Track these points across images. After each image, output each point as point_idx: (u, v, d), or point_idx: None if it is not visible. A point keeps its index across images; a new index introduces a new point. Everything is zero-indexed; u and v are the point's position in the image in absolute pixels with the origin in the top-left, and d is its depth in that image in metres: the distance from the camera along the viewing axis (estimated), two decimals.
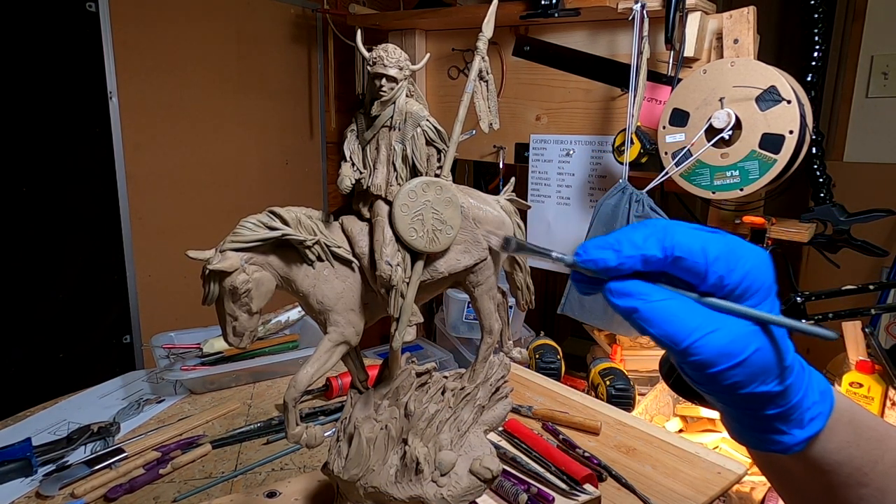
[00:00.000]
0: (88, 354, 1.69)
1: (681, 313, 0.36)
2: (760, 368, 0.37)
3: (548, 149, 1.60)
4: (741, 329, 0.36)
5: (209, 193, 1.92)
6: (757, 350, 0.36)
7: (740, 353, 0.36)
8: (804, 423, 0.40)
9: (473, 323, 1.78)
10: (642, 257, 0.37)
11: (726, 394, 0.38)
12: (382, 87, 0.60)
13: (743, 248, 0.37)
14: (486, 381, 0.73)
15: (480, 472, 0.66)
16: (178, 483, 0.91)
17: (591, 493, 0.84)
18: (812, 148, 1.26)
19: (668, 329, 0.36)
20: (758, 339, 0.37)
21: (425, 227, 0.61)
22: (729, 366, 0.36)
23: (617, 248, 0.38)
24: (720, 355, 0.36)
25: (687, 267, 0.37)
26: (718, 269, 0.36)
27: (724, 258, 0.36)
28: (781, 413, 0.39)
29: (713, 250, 0.36)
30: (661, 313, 0.36)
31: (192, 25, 1.80)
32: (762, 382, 0.37)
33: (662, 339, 0.37)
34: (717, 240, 0.37)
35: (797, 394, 0.39)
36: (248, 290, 0.58)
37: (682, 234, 0.37)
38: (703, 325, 0.36)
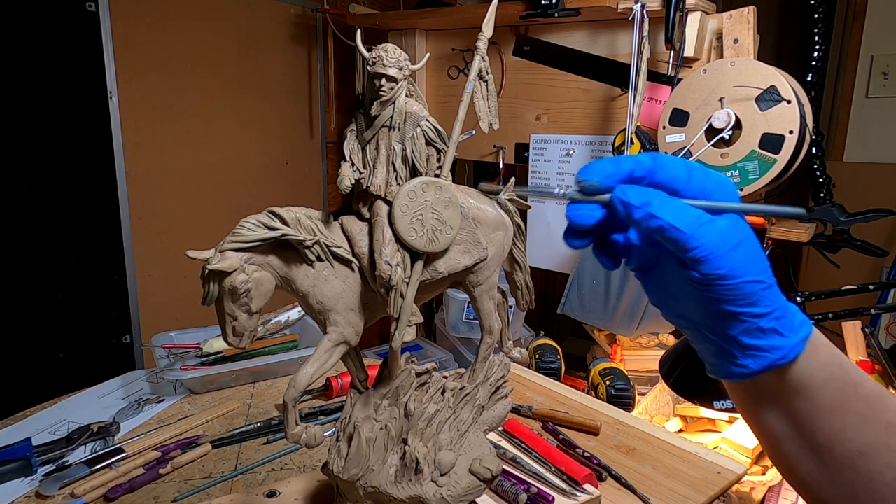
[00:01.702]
0: (88, 354, 1.69)
1: (684, 207, 0.41)
2: (754, 255, 0.41)
3: (548, 149, 1.60)
4: (731, 218, 0.41)
5: (209, 193, 1.92)
6: (748, 237, 0.41)
7: (736, 237, 0.40)
8: (796, 325, 0.42)
9: (473, 323, 1.78)
10: (635, 160, 0.42)
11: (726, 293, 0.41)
12: (382, 86, 0.60)
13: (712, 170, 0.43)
14: (486, 380, 0.73)
15: (480, 472, 0.66)
16: (178, 483, 0.91)
17: (591, 493, 0.84)
18: (812, 148, 1.26)
19: (680, 216, 0.40)
20: (744, 229, 0.41)
21: (425, 227, 0.61)
22: (729, 249, 0.40)
23: (615, 160, 0.43)
24: (721, 240, 0.40)
25: (670, 174, 0.42)
26: (697, 175, 0.42)
27: (701, 169, 0.42)
28: (777, 311, 0.41)
29: (691, 164, 0.43)
30: (671, 203, 0.40)
31: (192, 25, 1.80)
32: (754, 272, 0.40)
33: (674, 224, 0.40)
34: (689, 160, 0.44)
35: (781, 295, 0.42)
36: (248, 290, 0.58)
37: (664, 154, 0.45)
38: (702, 216, 0.40)
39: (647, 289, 0.49)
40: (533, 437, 0.98)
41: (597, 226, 0.44)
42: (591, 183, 0.43)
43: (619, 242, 0.45)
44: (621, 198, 0.41)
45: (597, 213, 0.43)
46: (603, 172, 0.43)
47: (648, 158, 0.42)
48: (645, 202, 0.40)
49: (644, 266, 0.47)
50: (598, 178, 0.43)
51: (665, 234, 0.40)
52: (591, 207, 0.43)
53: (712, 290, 0.41)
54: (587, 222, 0.44)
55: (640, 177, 0.42)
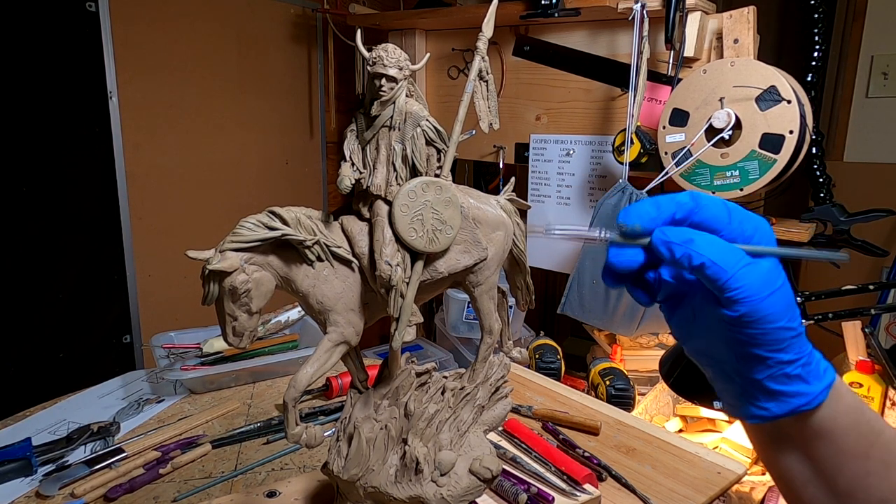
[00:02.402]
0: (88, 354, 1.69)
1: (726, 247, 0.41)
2: (789, 302, 0.41)
3: (548, 149, 1.60)
4: (770, 263, 0.41)
5: (209, 193, 1.92)
6: (784, 283, 0.41)
7: (774, 282, 0.40)
8: (821, 373, 0.42)
9: (473, 323, 1.78)
10: (676, 202, 0.42)
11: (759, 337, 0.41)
12: (382, 86, 0.60)
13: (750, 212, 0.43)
14: (486, 380, 0.73)
15: (480, 472, 0.66)
16: (178, 483, 0.91)
17: (591, 493, 0.84)
18: (812, 148, 1.26)
19: (723, 255, 0.40)
20: (782, 275, 0.41)
21: (425, 227, 0.61)
22: (766, 295, 0.40)
23: (656, 203, 0.43)
24: (760, 284, 0.40)
25: (711, 214, 0.42)
26: (737, 216, 0.42)
27: (740, 212, 0.42)
28: (804, 359, 0.42)
29: (731, 205, 0.43)
30: (713, 243, 0.41)
31: (192, 25, 1.80)
32: (788, 319, 0.40)
33: (716, 263, 0.40)
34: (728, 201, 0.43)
35: (808, 342, 0.42)
36: (248, 291, 0.57)
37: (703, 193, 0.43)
38: (743, 258, 0.40)
39: (670, 321, 0.48)
40: (533, 436, 0.98)
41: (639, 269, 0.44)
42: (632, 227, 0.43)
43: (652, 279, 0.45)
44: (663, 239, 0.42)
45: (639, 257, 0.44)
46: (645, 216, 0.43)
47: (689, 199, 0.42)
48: (687, 240, 0.41)
49: (671, 300, 0.47)
50: (640, 222, 0.43)
51: (706, 272, 0.40)
52: (634, 252, 0.44)
53: (744, 333, 0.41)
54: (630, 267, 0.44)
55: (682, 218, 0.42)
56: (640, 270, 0.44)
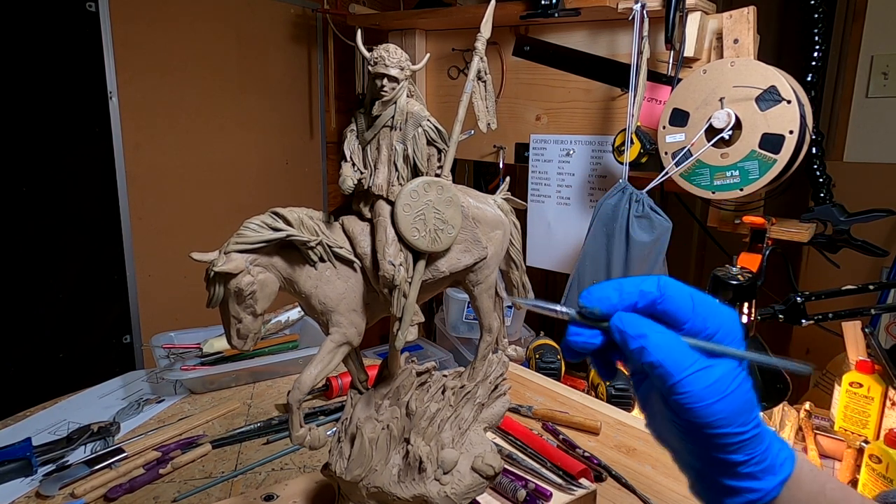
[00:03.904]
0: (88, 354, 1.69)
1: (680, 347, 0.40)
2: (741, 405, 0.40)
3: (548, 149, 1.60)
4: (727, 366, 0.40)
5: (209, 193, 1.92)
6: (739, 387, 0.40)
7: (726, 389, 0.39)
8: (776, 468, 0.42)
9: (473, 323, 1.78)
10: (640, 291, 0.42)
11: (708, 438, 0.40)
12: (384, 87, 0.60)
13: (718, 305, 0.42)
14: (486, 378, 0.74)
15: (483, 469, 0.66)
16: (178, 483, 0.91)
17: (586, 488, 0.86)
18: (812, 148, 1.26)
19: (674, 357, 0.39)
20: (739, 377, 0.40)
21: (427, 227, 0.61)
22: (715, 400, 0.39)
23: (618, 288, 0.42)
24: (710, 390, 0.39)
25: (675, 307, 0.41)
26: (701, 312, 0.41)
27: (707, 305, 0.41)
28: (755, 457, 0.41)
29: (698, 297, 0.42)
30: (666, 343, 0.40)
31: (192, 25, 1.80)
32: (741, 423, 0.40)
33: (664, 365, 0.39)
34: (700, 292, 0.42)
35: (766, 438, 0.41)
36: (253, 292, 0.57)
37: (672, 281, 0.42)
38: (697, 361, 0.40)
39: (636, 392, 0.48)
40: (527, 433, 0.99)
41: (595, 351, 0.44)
42: (592, 310, 0.43)
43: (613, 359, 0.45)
44: (619, 327, 0.41)
45: (596, 339, 0.43)
46: (605, 301, 0.42)
47: (655, 288, 0.42)
48: (641, 334, 0.40)
49: (636, 375, 0.47)
50: (600, 307, 0.42)
51: (654, 372, 0.40)
52: (591, 334, 0.43)
53: (693, 435, 0.41)
54: (588, 348, 0.43)
55: (644, 307, 0.42)
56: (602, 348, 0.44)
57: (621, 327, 0.41)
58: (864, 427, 1.08)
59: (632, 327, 0.41)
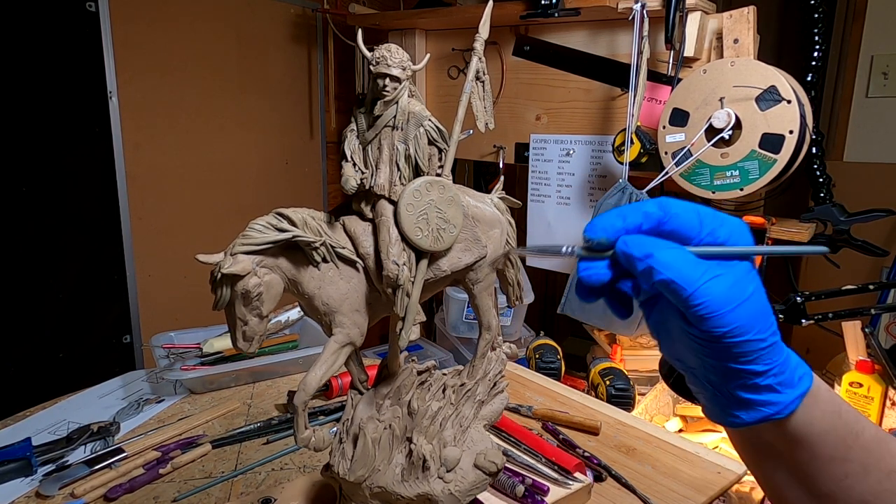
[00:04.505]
0: (88, 354, 1.69)
1: (689, 259, 0.39)
2: (758, 311, 0.39)
3: (548, 149, 1.60)
4: (741, 271, 0.40)
5: (209, 193, 1.92)
6: (755, 291, 0.39)
7: (741, 295, 0.39)
8: (795, 381, 0.41)
9: (473, 323, 1.78)
10: (644, 213, 0.41)
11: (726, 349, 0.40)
12: (386, 86, 0.60)
13: (722, 214, 0.41)
14: (485, 376, 0.74)
15: (485, 466, 0.66)
16: (178, 483, 0.91)
17: (582, 481, 0.86)
18: (812, 148, 1.26)
19: (682, 271, 0.39)
20: (754, 281, 0.40)
21: (430, 227, 0.61)
22: (733, 307, 0.38)
23: (622, 213, 0.42)
24: (726, 297, 0.38)
25: (681, 223, 0.41)
26: (709, 224, 0.41)
27: (713, 216, 0.41)
28: (774, 369, 0.40)
29: (703, 210, 0.41)
30: (675, 257, 0.39)
31: (192, 25, 1.80)
32: (759, 330, 0.39)
33: (675, 280, 0.39)
34: (703, 206, 0.42)
35: (784, 350, 0.41)
36: (260, 294, 0.57)
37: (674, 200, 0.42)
38: (708, 270, 0.39)
39: (647, 321, 0.47)
40: (521, 430, 0.99)
41: (610, 282, 0.43)
42: (597, 241, 0.42)
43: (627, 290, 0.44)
44: (625, 251, 0.40)
45: (608, 270, 0.43)
46: (610, 228, 0.42)
47: (657, 208, 0.41)
48: (647, 254, 0.40)
49: (649, 301, 0.46)
50: (605, 234, 0.42)
51: (668, 287, 0.39)
52: (602, 265, 0.42)
53: (710, 346, 0.40)
54: (600, 281, 0.43)
55: (650, 228, 0.41)
56: (613, 282, 0.43)
57: (627, 250, 0.40)
58: None
59: (637, 248, 0.40)
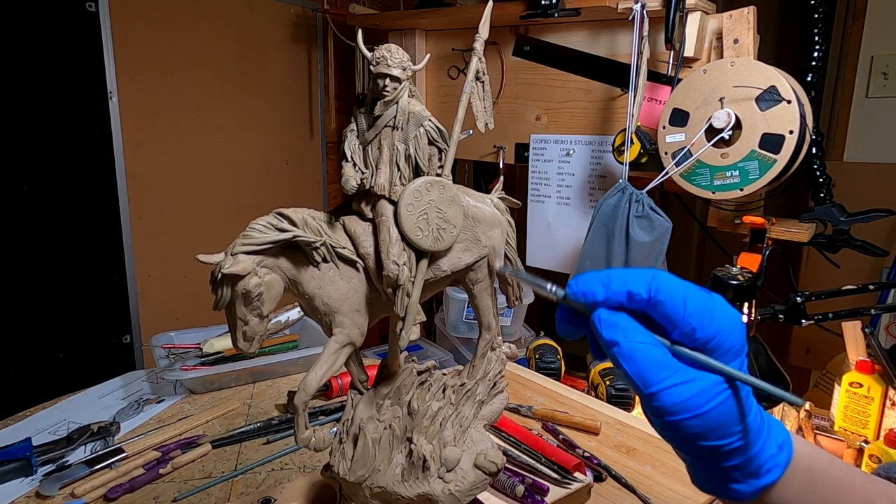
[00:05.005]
0: (88, 354, 1.69)
1: (654, 358, 0.38)
2: (719, 423, 0.38)
3: (548, 149, 1.60)
4: (706, 383, 0.38)
5: (209, 193, 1.92)
6: (718, 406, 0.38)
7: (701, 407, 0.37)
8: (760, 474, 0.41)
9: (473, 323, 1.78)
10: (628, 293, 0.39)
11: (685, 442, 0.40)
12: (386, 87, 0.60)
13: (719, 308, 0.39)
14: (485, 376, 0.74)
15: (485, 466, 0.66)
16: (178, 483, 0.91)
17: (582, 481, 0.86)
18: (812, 148, 1.26)
19: (641, 370, 0.38)
20: (720, 396, 0.38)
21: (430, 227, 0.61)
22: (687, 417, 0.37)
23: (606, 283, 0.40)
24: (681, 406, 0.37)
25: (665, 312, 0.39)
26: (693, 321, 0.38)
27: (700, 312, 0.38)
28: (737, 465, 0.40)
29: (692, 302, 0.38)
30: (637, 353, 0.38)
31: (192, 25, 1.80)
32: (720, 437, 0.38)
33: (634, 378, 0.38)
34: (699, 294, 0.39)
35: (754, 447, 0.40)
36: (260, 294, 0.57)
37: (667, 281, 0.39)
38: (673, 374, 0.38)
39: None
40: (521, 430, 1.00)
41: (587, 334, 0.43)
42: (575, 301, 0.41)
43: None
44: (595, 326, 0.40)
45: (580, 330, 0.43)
46: (590, 295, 0.40)
47: (644, 290, 0.39)
48: (614, 341, 0.39)
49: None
50: (583, 300, 0.41)
51: (628, 380, 0.39)
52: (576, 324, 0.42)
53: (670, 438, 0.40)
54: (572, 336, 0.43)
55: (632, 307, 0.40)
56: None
57: (598, 328, 0.40)
58: (864, 427, 1.08)
59: (606, 330, 0.39)
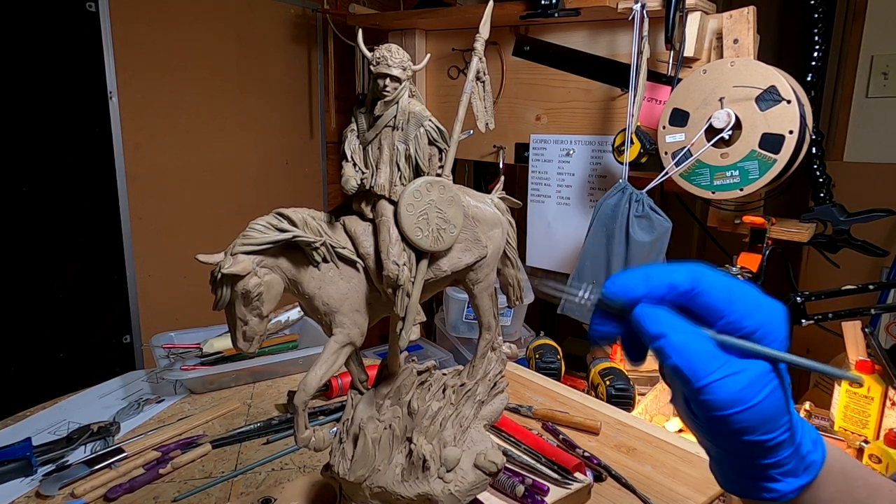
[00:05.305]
0: (88, 354, 1.69)
1: (703, 350, 0.37)
2: (769, 415, 0.37)
3: (548, 149, 1.60)
4: (756, 373, 0.37)
5: (209, 193, 1.92)
6: (768, 395, 0.37)
7: (752, 398, 0.36)
8: (799, 472, 0.40)
9: (473, 323, 1.78)
10: (670, 284, 0.38)
11: (729, 438, 0.38)
12: (386, 87, 0.60)
13: (765, 298, 0.38)
14: (485, 376, 0.74)
15: (485, 466, 0.66)
16: (177, 483, 0.91)
17: (582, 481, 0.86)
18: (812, 148, 1.26)
19: (692, 362, 0.37)
20: (770, 385, 0.37)
21: (430, 227, 0.61)
22: (739, 409, 0.36)
23: (647, 277, 0.39)
24: (731, 400, 0.36)
25: (709, 302, 0.38)
26: (739, 309, 0.37)
27: (746, 301, 0.37)
28: (778, 461, 0.39)
29: (737, 291, 0.38)
30: (686, 345, 0.37)
31: (192, 25, 1.80)
32: (766, 431, 0.37)
33: (685, 371, 0.37)
34: (742, 285, 0.38)
35: (794, 443, 0.39)
36: (260, 294, 0.57)
37: (708, 271, 0.38)
38: (723, 366, 0.36)
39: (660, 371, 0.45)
40: (521, 430, 0.99)
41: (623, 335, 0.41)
42: (614, 300, 0.40)
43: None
44: (639, 322, 0.38)
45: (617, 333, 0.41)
46: (630, 290, 0.39)
47: (687, 280, 0.38)
48: (661, 333, 0.37)
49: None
50: (623, 297, 0.39)
51: (677, 374, 0.37)
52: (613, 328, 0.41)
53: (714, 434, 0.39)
54: (610, 340, 0.41)
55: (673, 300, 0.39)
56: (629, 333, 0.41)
57: (642, 323, 0.38)
58: (864, 427, 1.08)
59: (652, 324, 0.38)
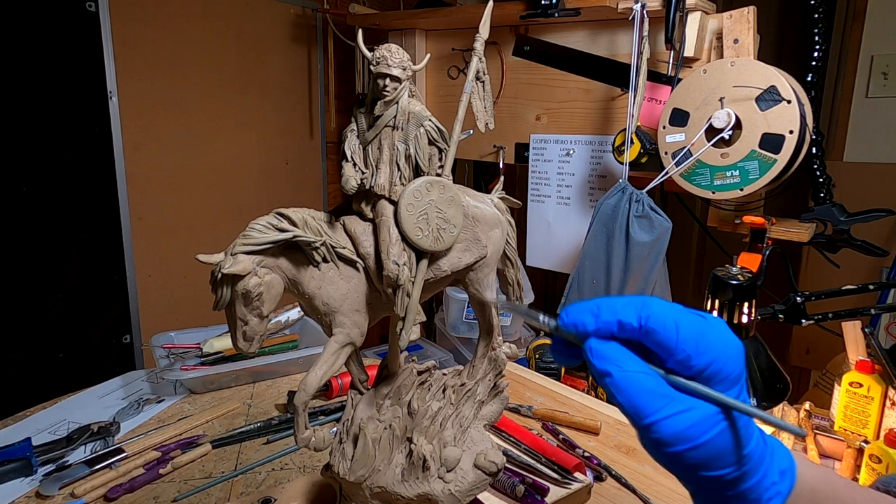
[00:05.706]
0: (88, 354, 1.69)
1: (648, 388, 0.37)
2: (717, 454, 0.37)
3: (548, 149, 1.60)
4: (704, 413, 0.37)
5: (209, 193, 1.92)
6: (715, 436, 0.37)
7: (698, 438, 0.36)
8: (762, 500, 0.40)
9: (473, 323, 1.78)
10: (618, 322, 0.38)
11: (687, 473, 0.39)
12: (386, 86, 0.60)
13: (716, 334, 0.38)
14: (485, 376, 0.74)
15: (485, 466, 0.66)
16: (178, 483, 0.91)
17: (582, 481, 0.86)
18: (812, 148, 1.26)
19: (634, 402, 0.37)
20: (717, 426, 0.37)
21: (430, 227, 0.61)
22: (685, 448, 0.36)
23: (596, 313, 0.39)
24: (678, 437, 0.36)
25: (657, 340, 0.38)
26: (686, 348, 0.37)
27: (694, 339, 0.37)
28: (737, 494, 0.39)
29: (685, 329, 0.37)
30: (630, 384, 0.37)
31: (192, 25, 1.80)
32: (717, 467, 0.37)
33: (628, 409, 0.37)
34: (692, 320, 0.38)
35: (754, 477, 0.39)
36: (260, 294, 0.57)
37: (658, 308, 0.38)
38: (668, 405, 0.37)
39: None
40: (521, 430, 0.99)
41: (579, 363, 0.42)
42: (565, 332, 0.41)
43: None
44: (588, 357, 0.39)
45: (575, 359, 0.42)
46: (580, 325, 0.39)
47: (635, 319, 0.38)
48: (606, 371, 0.38)
49: None
50: (574, 331, 0.40)
51: (622, 412, 0.38)
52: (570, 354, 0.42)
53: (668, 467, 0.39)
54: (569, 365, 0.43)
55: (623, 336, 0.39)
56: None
57: (590, 358, 0.39)
58: (864, 427, 1.08)
59: (598, 361, 0.38)
